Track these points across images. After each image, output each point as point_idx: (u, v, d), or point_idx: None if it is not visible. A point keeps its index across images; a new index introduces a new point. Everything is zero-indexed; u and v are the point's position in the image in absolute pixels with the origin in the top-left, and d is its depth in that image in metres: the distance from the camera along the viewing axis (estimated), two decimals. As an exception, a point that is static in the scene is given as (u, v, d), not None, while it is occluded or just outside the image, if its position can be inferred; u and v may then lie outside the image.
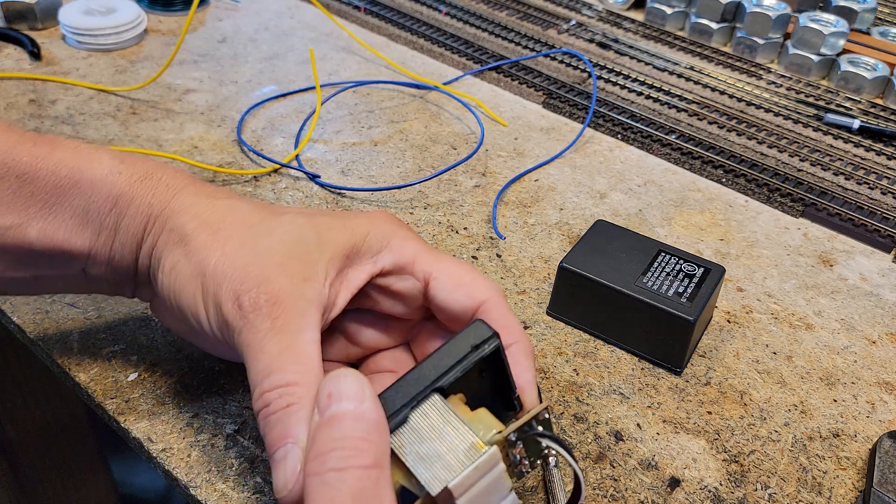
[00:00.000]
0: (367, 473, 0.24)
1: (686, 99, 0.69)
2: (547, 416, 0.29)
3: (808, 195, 0.58)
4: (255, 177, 0.55)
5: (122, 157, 0.34)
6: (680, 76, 0.73)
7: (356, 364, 0.38)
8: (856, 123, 0.66)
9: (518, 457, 0.28)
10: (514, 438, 0.27)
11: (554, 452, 0.28)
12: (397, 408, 0.28)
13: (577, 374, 0.43)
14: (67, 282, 0.36)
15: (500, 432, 0.27)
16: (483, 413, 0.28)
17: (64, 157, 0.33)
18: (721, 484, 0.38)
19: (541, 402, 0.31)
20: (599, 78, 0.71)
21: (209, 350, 0.39)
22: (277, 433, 0.28)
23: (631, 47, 0.77)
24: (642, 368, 0.43)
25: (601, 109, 0.66)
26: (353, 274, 0.34)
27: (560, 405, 0.41)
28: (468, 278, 0.34)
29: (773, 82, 0.73)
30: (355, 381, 0.26)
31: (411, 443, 0.27)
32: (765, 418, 0.41)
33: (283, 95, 0.65)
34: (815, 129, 0.66)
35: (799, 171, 0.61)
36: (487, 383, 0.30)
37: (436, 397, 0.28)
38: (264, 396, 0.28)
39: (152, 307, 0.37)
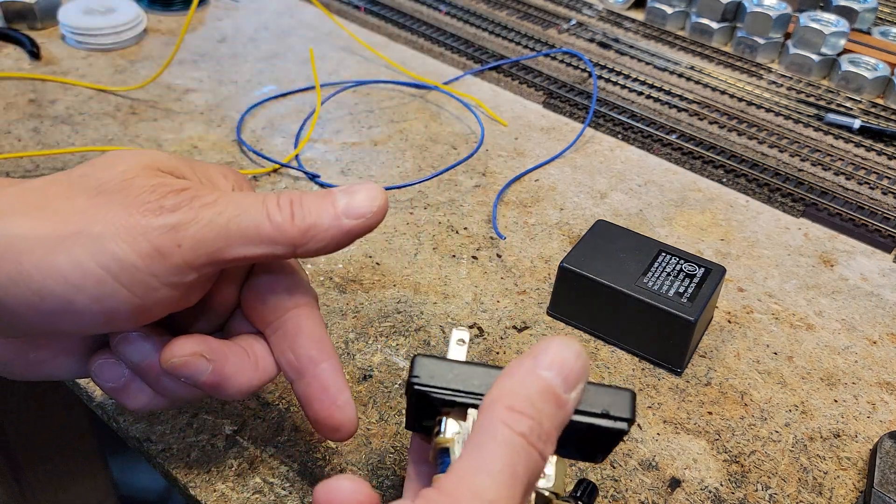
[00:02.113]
0: (540, 467, 0.23)
1: (686, 99, 0.69)
2: None
3: (808, 195, 0.58)
4: (254, 177, 0.55)
5: None
6: (680, 76, 0.73)
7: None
8: (856, 123, 0.66)
9: None
10: (556, 499, 0.27)
11: None
12: None
13: (578, 375, 0.43)
14: None
15: (554, 493, 0.27)
16: (559, 462, 0.28)
17: None
18: (721, 484, 0.38)
19: None
20: (600, 78, 0.71)
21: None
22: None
23: (631, 47, 0.77)
24: (643, 369, 0.43)
25: (601, 109, 0.66)
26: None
27: (560, 405, 0.41)
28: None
29: (774, 82, 0.73)
30: (584, 365, 0.24)
31: None
32: (765, 419, 0.41)
33: (283, 95, 0.65)
34: (816, 129, 0.66)
35: (799, 171, 0.61)
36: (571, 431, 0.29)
37: None
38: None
39: None
